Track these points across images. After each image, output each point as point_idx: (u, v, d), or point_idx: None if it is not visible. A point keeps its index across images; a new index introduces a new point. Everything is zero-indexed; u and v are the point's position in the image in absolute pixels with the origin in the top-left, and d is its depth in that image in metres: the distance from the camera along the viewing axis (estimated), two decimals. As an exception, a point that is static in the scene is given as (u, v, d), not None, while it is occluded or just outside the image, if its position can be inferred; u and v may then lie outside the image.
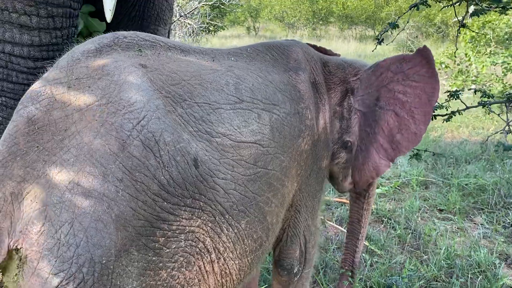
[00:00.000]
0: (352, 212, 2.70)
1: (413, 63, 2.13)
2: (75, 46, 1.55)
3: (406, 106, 2.09)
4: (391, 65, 2.19)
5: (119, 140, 1.29)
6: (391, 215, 4.21)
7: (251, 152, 1.64)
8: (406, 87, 2.11)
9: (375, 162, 2.16)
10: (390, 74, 2.17)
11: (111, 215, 1.24)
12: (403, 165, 5.43)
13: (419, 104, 2.06)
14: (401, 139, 2.08)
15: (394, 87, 2.15)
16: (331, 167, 2.40)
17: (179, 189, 1.38)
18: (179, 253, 1.43)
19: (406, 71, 2.13)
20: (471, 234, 3.93)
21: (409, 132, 2.06)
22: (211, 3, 7.53)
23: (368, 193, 2.60)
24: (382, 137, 2.14)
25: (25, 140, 1.29)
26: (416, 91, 2.08)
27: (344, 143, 2.30)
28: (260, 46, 2.13)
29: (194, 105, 1.49)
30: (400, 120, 2.10)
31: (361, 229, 2.66)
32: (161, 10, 2.96)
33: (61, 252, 1.21)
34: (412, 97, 2.09)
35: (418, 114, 2.05)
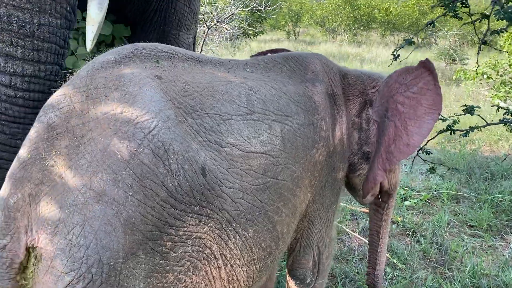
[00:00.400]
0: (371, 224, 2.69)
1: (414, 74, 2.13)
2: (96, 56, 1.64)
3: (402, 116, 2.09)
4: (399, 76, 2.21)
5: (131, 148, 1.36)
6: (418, 228, 4.13)
7: (261, 162, 1.68)
8: (405, 98, 2.12)
9: (374, 172, 2.16)
10: (397, 85, 2.18)
11: (120, 219, 1.31)
12: (435, 178, 5.30)
13: (414, 116, 2.05)
14: (394, 149, 2.08)
15: (397, 98, 2.16)
16: (353, 179, 2.40)
17: (187, 196, 1.43)
18: (186, 257, 1.49)
19: (408, 83, 2.13)
20: (501, 253, 3.79)
21: (401, 143, 2.05)
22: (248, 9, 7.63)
23: (387, 204, 2.59)
24: (383, 147, 2.15)
25: (44, 145, 1.39)
26: (412, 102, 2.08)
27: (364, 154, 2.31)
28: (279, 57, 2.17)
29: (204, 116, 1.55)
30: (396, 130, 2.10)
31: (380, 241, 2.65)
32: (182, 15, 3.04)
33: (72, 252, 1.29)
34: (407, 108, 2.08)
35: (411, 126, 2.03)
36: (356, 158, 2.31)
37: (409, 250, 3.70)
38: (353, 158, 2.31)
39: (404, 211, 4.45)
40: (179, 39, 3.13)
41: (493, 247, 3.88)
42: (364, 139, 2.30)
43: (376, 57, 15.43)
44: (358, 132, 2.30)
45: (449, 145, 6.50)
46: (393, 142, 2.08)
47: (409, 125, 2.03)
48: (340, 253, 3.70)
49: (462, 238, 3.99)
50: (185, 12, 3.07)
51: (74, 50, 3.05)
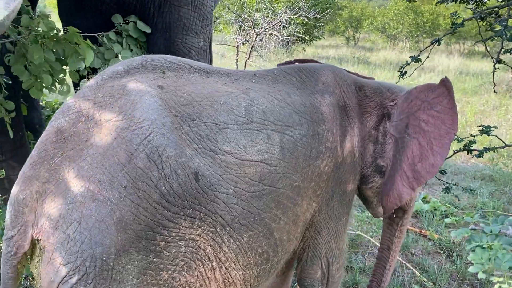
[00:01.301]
0: (383, 239, 2.64)
1: (437, 93, 2.11)
2: (106, 67, 1.77)
3: (427, 136, 2.08)
4: (420, 93, 2.17)
5: (127, 153, 1.47)
6: (455, 247, 3.95)
7: (257, 170, 1.73)
8: (429, 116, 2.10)
9: (399, 190, 2.13)
10: (419, 102, 2.15)
11: (113, 218, 1.42)
12: (483, 195, 5.03)
13: (438, 135, 2.04)
14: (420, 169, 2.07)
15: (420, 116, 2.14)
16: (365, 191, 2.39)
17: (179, 200, 1.52)
18: (180, 257, 1.58)
19: (431, 101, 2.11)
20: (546, 280, 3.53)
21: (427, 163, 2.05)
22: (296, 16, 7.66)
23: (402, 220, 2.54)
24: (406, 164, 2.12)
25: (53, 147, 1.53)
26: (437, 121, 2.06)
27: (378, 167, 2.29)
28: (290, 68, 2.21)
29: (201, 124, 1.63)
30: (422, 149, 2.09)
31: (390, 258, 2.60)
32: (188, 20, 3.13)
33: (70, 246, 1.42)
34: (432, 127, 2.07)
35: (436, 146, 2.03)
36: (369, 170, 2.29)
37: (441, 269, 3.56)
38: (366, 171, 2.29)
39: (442, 228, 4.28)
40: (186, 43, 3.22)
41: (538, 273, 3.63)
42: (379, 152, 2.28)
43: (437, 66, 14.81)
44: (373, 144, 2.28)
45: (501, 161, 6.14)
46: (420, 161, 2.08)
47: (434, 145, 2.03)
48: (369, 267, 3.63)
49: (503, 261, 3.76)
50: (191, 16, 3.15)
51: (118, 52, 3.26)
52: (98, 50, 3.21)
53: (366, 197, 2.42)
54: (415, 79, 12.48)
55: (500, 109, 9.15)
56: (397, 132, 2.21)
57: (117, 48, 3.27)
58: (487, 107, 9.56)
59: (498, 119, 8.45)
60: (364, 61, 15.51)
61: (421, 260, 3.74)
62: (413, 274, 3.51)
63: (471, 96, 10.67)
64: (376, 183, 2.32)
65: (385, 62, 15.65)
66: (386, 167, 2.28)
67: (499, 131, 7.70)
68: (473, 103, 9.92)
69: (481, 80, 12.21)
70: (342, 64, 14.54)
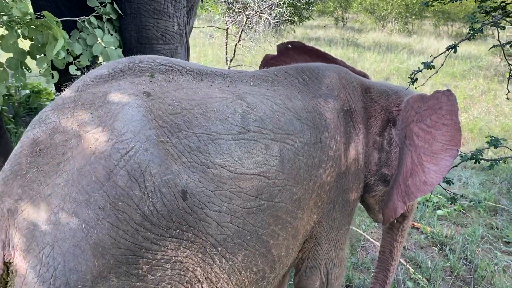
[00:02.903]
0: (384, 242, 2.55)
1: (428, 105, 1.93)
2: (90, 70, 1.60)
3: (417, 150, 1.92)
4: (414, 103, 2.03)
5: (106, 169, 1.32)
6: (448, 241, 3.90)
7: (253, 184, 1.59)
8: (420, 129, 1.94)
9: (394, 202, 2.01)
10: (413, 112, 2.01)
11: (89, 242, 1.28)
12: (474, 186, 4.99)
13: (430, 152, 1.85)
14: (411, 185, 1.91)
15: (413, 128, 1.98)
16: (368, 199, 2.28)
17: (164, 221, 1.38)
18: (166, 280, 1.44)
19: (422, 112, 1.95)
20: (538, 275, 3.51)
21: (417, 179, 1.88)
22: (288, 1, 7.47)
23: (403, 225, 2.45)
24: (401, 177, 1.99)
25: (27, 161, 1.37)
26: (426, 136, 1.89)
27: (382, 176, 2.17)
28: (291, 69, 2.05)
29: (191, 136, 1.48)
30: (413, 164, 1.93)
31: (393, 261, 2.51)
32: (158, 4, 3.01)
33: (42, 272, 1.28)
34: (422, 141, 1.90)
35: (427, 162, 1.85)
36: (373, 179, 2.17)
37: (434, 265, 3.51)
38: (370, 179, 2.17)
39: (435, 221, 4.22)
40: (159, 27, 3.08)
41: (530, 267, 3.61)
42: (384, 161, 2.15)
43: (426, 48, 14.72)
44: (378, 152, 2.15)
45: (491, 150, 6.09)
46: (410, 176, 1.92)
47: (424, 161, 1.86)
48: (361, 262, 3.56)
49: (495, 255, 3.74)
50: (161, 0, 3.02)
51: (100, 38, 3.08)
52: (79, 35, 3.03)
53: (368, 204, 2.32)
54: (404, 62, 12.40)
55: (489, 94, 9.11)
56: (399, 141, 2.08)
57: (99, 33, 3.09)
58: (476, 92, 9.51)
59: (486, 105, 8.41)
60: (353, 43, 15.33)
61: (414, 254, 3.68)
62: (406, 270, 3.45)
63: (460, 80, 10.61)
64: (380, 192, 2.20)
65: (375, 44, 15.49)
66: (390, 176, 2.16)
67: (488, 117, 7.68)
68: (461, 87, 9.87)
69: (470, 64, 12.15)
70: (332, 46, 14.35)
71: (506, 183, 5.07)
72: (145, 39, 3.14)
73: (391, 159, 2.13)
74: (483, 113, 7.92)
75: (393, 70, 11.31)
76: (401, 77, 10.69)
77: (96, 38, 3.03)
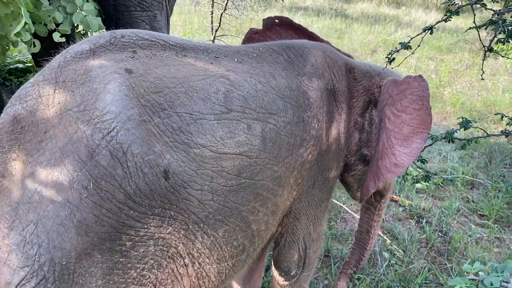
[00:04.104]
0: (361, 222, 2.63)
1: (399, 89, 1.97)
2: (71, 44, 1.58)
3: (387, 133, 1.96)
4: (389, 86, 2.06)
5: (88, 149, 1.33)
6: (425, 214, 4.04)
7: (235, 164, 1.62)
8: (391, 113, 1.97)
9: (367, 182, 2.07)
10: (387, 96, 2.04)
11: (73, 221, 1.31)
12: (453, 160, 5.11)
13: (400, 135, 1.89)
14: (381, 166, 1.96)
15: (386, 111, 2.02)
16: (347, 178, 2.34)
17: (146, 199, 1.41)
18: (149, 256, 1.49)
19: (394, 96, 1.98)
20: (508, 246, 3.67)
21: (387, 161, 1.92)
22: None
23: (380, 205, 2.52)
24: (375, 159, 2.04)
25: (8, 138, 1.37)
26: (397, 120, 1.93)
27: (362, 156, 2.22)
28: (277, 45, 2.04)
29: (173, 115, 1.49)
30: (383, 146, 1.98)
31: (370, 240, 2.60)
32: None
33: (26, 249, 1.30)
34: (393, 125, 1.94)
35: (398, 145, 1.89)
36: (353, 159, 2.22)
37: (411, 237, 3.64)
38: (350, 159, 2.22)
39: (414, 194, 4.35)
40: None
41: (501, 239, 3.77)
42: (364, 141, 2.19)
43: (414, 21, 14.65)
44: (359, 132, 2.19)
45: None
46: (381, 157, 1.97)
47: (395, 144, 1.90)
48: (340, 233, 3.67)
49: (469, 227, 3.88)
50: None
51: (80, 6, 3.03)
52: (59, 3, 2.97)
53: (347, 183, 2.38)
54: (392, 34, 12.36)
55: (473, 69, 9.19)
56: (378, 122, 2.12)
57: (79, 2, 3.03)
58: (461, 66, 9.59)
59: (470, 79, 8.50)
60: (341, 14, 15.17)
61: (391, 226, 3.81)
62: (383, 241, 3.57)
63: (446, 54, 10.66)
64: (359, 171, 2.26)
65: (363, 15, 15.36)
66: (370, 157, 2.21)
67: (471, 91, 7.78)
68: (447, 61, 9.93)
69: (456, 37, 12.17)
70: (320, 16, 14.20)
71: (484, 157, 5.20)
72: (122, 7, 3.09)
73: (371, 140, 2.18)
74: (467, 87, 8.01)
75: (380, 43, 11.28)
76: (388, 50, 10.68)
77: (76, 7, 2.98)
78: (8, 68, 5.70)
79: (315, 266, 2.55)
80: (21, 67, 5.92)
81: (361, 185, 2.33)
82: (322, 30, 12.14)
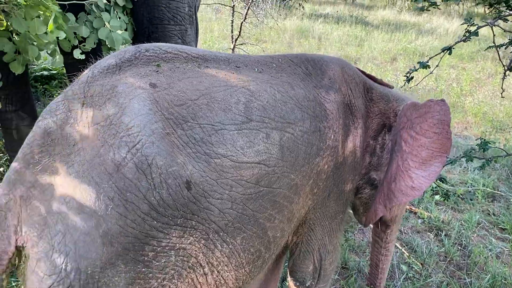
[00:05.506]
0: (372, 255, 2.64)
1: (419, 112, 1.97)
2: (99, 60, 1.64)
3: (404, 156, 1.95)
4: (407, 110, 2.06)
5: (115, 162, 1.38)
6: (444, 227, 3.99)
7: (254, 172, 1.65)
8: (409, 136, 1.97)
9: (375, 205, 2.07)
10: (405, 119, 2.04)
11: (99, 231, 1.36)
12: (473, 172, 5.05)
13: (418, 158, 1.89)
14: (394, 189, 1.95)
15: (403, 134, 2.02)
16: (354, 200, 2.34)
17: (170, 210, 1.45)
18: (170, 266, 1.53)
19: (413, 119, 1.98)
20: (530, 262, 3.61)
21: (402, 184, 1.91)
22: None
23: (387, 237, 2.51)
24: (386, 181, 2.04)
25: (39, 150, 1.44)
26: (416, 143, 1.92)
27: (370, 180, 2.23)
28: (296, 57, 2.08)
29: (195, 127, 1.53)
30: (398, 169, 1.97)
31: (380, 275, 2.59)
32: None
33: (54, 257, 1.36)
34: (410, 148, 1.93)
35: (416, 168, 1.88)
36: (361, 182, 2.22)
37: (429, 250, 3.61)
38: (358, 182, 2.22)
39: (433, 206, 4.31)
40: (171, 8, 3.15)
41: (523, 254, 3.70)
42: (374, 165, 2.20)
43: (435, 28, 14.51)
44: (370, 156, 2.19)
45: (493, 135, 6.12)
46: (394, 180, 1.96)
47: (412, 167, 1.89)
48: (357, 245, 3.66)
49: (490, 241, 3.83)
50: None
51: (107, 21, 3.11)
52: (86, 18, 3.06)
53: (354, 205, 2.39)
54: (412, 42, 12.26)
55: (496, 78, 9.05)
56: (391, 147, 2.13)
57: (106, 17, 3.11)
58: (483, 75, 9.46)
59: (492, 89, 8.38)
60: (361, 21, 15.12)
61: (410, 239, 3.78)
62: (401, 254, 3.55)
63: (468, 62, 10.53)
64: (366, 194, 2.27)
65: (383, 23, 15.29)
66: (378, 181, 2.21)
67: (493, 101, 7.66)
68: (469, 70, 9.81)
69: (479, 45, 12.00)
70: (340, 23, 14.18)
71: (506, 169, 5.12)
72: (157, 20, 3.17)
73: (381, 164, 2.18)
74: (489, 97, 7.90)
75: (400, 50, 11.21)
76: (408, 58, 10.61)
77: (103, 22, 3.06)
78: (34, 75, 5.87)
79: (332, 278, 2.55)
80: (46, 74, 6.09)
81: (366, 209, 2.34)
82: (342, 37, 12.14)
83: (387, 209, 1.98)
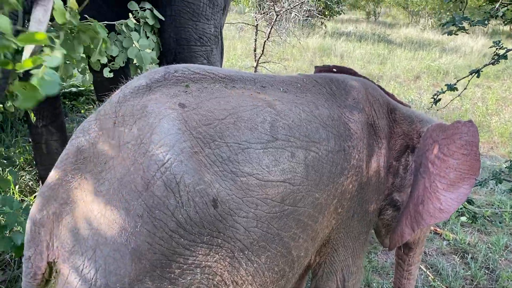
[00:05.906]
0: (395, 279, 2.60)
1: (446, 134, 1.95)
2: (130, 80, 1.70)
3: (431, 178, 1.93)
4: (433, 131, 2.05)
5: (144, 180, 1.42)
6: (470, 249, 3.90)
7: (279, 191, 1.67)
8: (436, 158, 1.95)
9: (402, 228, 2.05)
10: (431, 141, 2.03)
11: (128, 248, 1.39)
12: (501, 193, 4.93)
13: (446, 180, 1.87)
14: (422, 211, 1.93)
15: (429, 156, 2.00)
16: (377, 221, 2.32)
17: (196, 227, 1.48)
18: (195, 284, 1.55)
19: (440, 141, 1.96)
20: (562, 288, 3.48)
21: (430, 207, 1.89)
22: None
23: (409, 260, 2.47)
24: (412, 203, 2.02)
25: (72, 168, 1.49)
26: (443, 164, 1.90)
27: (393, 201, 2.21)
28: (320, 77, 2.11)
29: (222, 146, 1.56)
30: (425, 191, 1.95)
31: None
32: (197, 7, 3.12)
33: (84, 272, 1.40)
34: (438, 169, 1.92)
35: (445, 190, 1.86)
36: (384, 203, 2.21)
37: (455, 273, 3.52)
38: (381, 203, 2.21)
39: (458, 227, 4.22)
40: (197, 29, 3.19)
41: (554, 280, 3.57)
42: (397, 186, 2.19)
43: (460, 47, 14.37)
44: (393, 177, 2.19)
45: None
46: (421, 202, 1.94)
47: (440, 189, 1.88)
48: (381, 267, 3.61)
49: (518, 265, 3.72)
50: (200, 3, 3.13)
51: (136, 40, 3.20)
52: (116, 38, 3.16)
53: (376, 226, 2.37)
54: (436, 60, 12.17)
55: (523, 97, 8.88)
56: (415, 168, 2.12)
57: (135, 36, 3.21)
58: (509, 94, 9.29)
59: (520, 108, 8.21)
60: (384, 39, 15.12)
61: (435, 261, 3.70)
62: (426, 277, 3.48)
63: (493, 81, 10.38)
64: (388, 216, 2.25)
65: (406, 41, 15.24)
66: (401, 203, 2.20)
67: (521, 121, 7.50)
68: (495, 88, 9.65)
69: (505, 64, 11.82)
70: (362, 41, 14.21)
71: (534, 191, 4.98)
72: (184, 41, 3.25)
73: (404, 186, 2.17)
74: (516, 116, 7.74)
75: (423, 69, 11.14)
76: (432, 76, 10.53)
77: (132, 41, 3.15)
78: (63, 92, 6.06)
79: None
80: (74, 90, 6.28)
81: (389, 231, 2.32)
82: (365, 56, 12.15)
83: (415, 232, 1.96)
